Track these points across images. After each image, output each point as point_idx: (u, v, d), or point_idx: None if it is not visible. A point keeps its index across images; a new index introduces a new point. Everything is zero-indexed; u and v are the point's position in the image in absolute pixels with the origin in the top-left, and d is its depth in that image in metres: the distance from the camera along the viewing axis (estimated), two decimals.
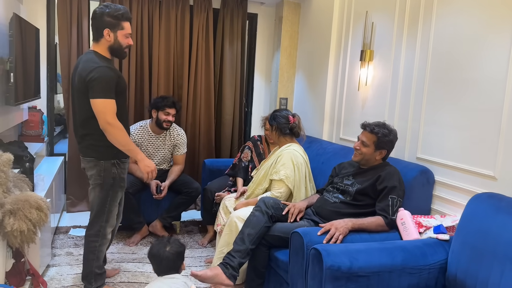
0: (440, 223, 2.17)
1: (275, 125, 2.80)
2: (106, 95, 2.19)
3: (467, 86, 2.24)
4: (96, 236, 2.41)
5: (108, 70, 2.22)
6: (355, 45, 3.23)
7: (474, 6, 2.21)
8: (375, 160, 2.36)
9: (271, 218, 2.35)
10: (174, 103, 3.44)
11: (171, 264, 1.92)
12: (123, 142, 2.25)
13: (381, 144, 2.31)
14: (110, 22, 2.24)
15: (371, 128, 2.33)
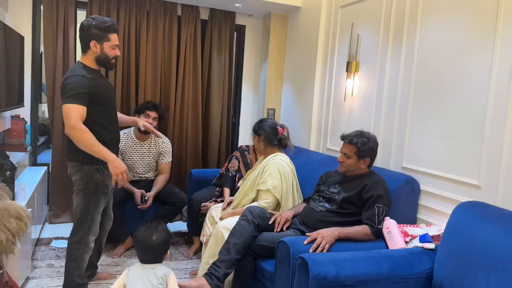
0: (425, 232, 2.17)
1: (263, 136, 2.78)
2: (74, 101, 2.19)
3: (451, 96, 2.28)
4: (78, 244, 2.36)
5: (82, 79, 2.25)
6: (341, 57, 3.26)
7: (457, 19, 2.26)
8: (360, 169, 2.37)
9: (257, 228, 2.33)
10: (154, 106, 3.46)
11: (156, 255, 1.91)
12: (87, 144, 2.20)
13: (363, 153, 2.33)
14: (96, 34, 2.29)
15: (349, 140, 2.35)
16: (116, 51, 2.38)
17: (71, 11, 3.63)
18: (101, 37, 2.30)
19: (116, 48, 2.38)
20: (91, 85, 2.27)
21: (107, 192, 2.42)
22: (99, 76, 2.42)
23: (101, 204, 2.41)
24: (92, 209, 2.36)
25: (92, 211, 2.36)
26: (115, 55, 2.39)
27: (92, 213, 2.37)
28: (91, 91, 2.26)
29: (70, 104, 2.19)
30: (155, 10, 3.88)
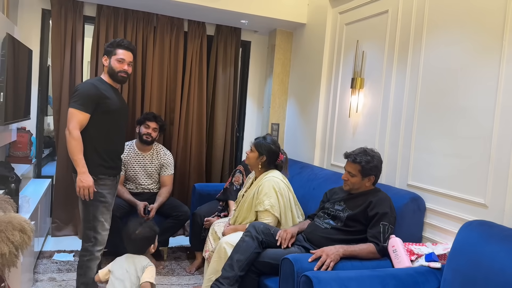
0: (431, 251, 2.15)
1: (264, 156, 2.74)
2: (78, 107, 2.36)
3: (457, 114, 2.27)
4: (84, 251, 2.49)
5: (91, 87, 2.43)
6: (346, 73, 3.28)
7: (463, 36, 2.27)
8: (365, 186, 2.35)
9: (261, 244, 2.30)
10: (154, 117, 3.50)
11: (137, 247, 2.14)
12: (71, 150, 2.36)
13: (367, 171, 2.31)
14: (107, 50, 2.55)
15: (353, 158, 2.34)
16: (123, 65, 2.53)
17: (79, 25, 3.68)
18: (110, 52, 2.53)
19: (123, 62, 2.52)
20: (98, 94, 2.42)
21: (104, 200, 2.49)
22: (110, 90, 2.53)
23: (101, 213, 2.48)
24: (92, 218, 2.46)
25: (92, 220, 2.46)
26: (122, 69, 2.53)
27: (93, 222, 2.46)
28: (97, 99, 2.41)
29: (74, 109, 2.36)
30: (162, 25, 3.93)
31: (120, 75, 2.53)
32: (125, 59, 2.52)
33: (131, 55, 2.57)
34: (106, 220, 2.52)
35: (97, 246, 2.48)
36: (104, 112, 2.45)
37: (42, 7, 3.67)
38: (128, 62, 2.55)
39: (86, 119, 2.39)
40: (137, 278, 2.04)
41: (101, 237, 2.49)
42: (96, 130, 2.44)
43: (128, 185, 3.52)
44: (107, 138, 2.49)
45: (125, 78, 2.57)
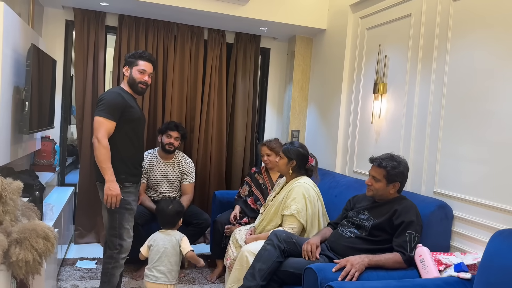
0: (461, 260, 2.06)
1: (294, 161, 2.71)
2: (105, 115, 2.41)
3: (485, 118, 2.19)
4: (109, 258, 2.51)
5: (116, 95, 2.48)
6: (368, 78, 3.22)
7: (490, 39, 2.20)
8: (389, 194, 2.28)
9: (283, 253, 2.26)
10: (176, 126, 3.51)
11: (171, 220, 2.55)
12: (100, 158, 2.39)
13: (392, 177, 2.24)
14: (129, 61, 2.60)
15: (378, 163, 2.27)
16: (143, 76, 2.58)
17: (101, 36, 3.74)
18: (131, 63, 2.58)
19: (144, 73, 2.57)
20: (124, 103, 2.48)
21: (130, 208, 2.51)
22: (132, 99, 2.59)
23: (127, 220, 2.51)
24: (118, 225, 2.48)
25: (118, 227, 2.48)
26: (143, 80, 2.58)
27: (119, 229, 2.48)
28: (122, 108, 2.46)
29: (101, 118, 2.41)
30: (182, 34, 3.96)
31: (140, 86, 2.59)
32: (146, 70, 2.58)
33: (152, 67, 2.63)
34: (131, 228, 2.56)
35: (122, 254, 2.51)
36: (127, 120, 2.50)
37: (66, 18, 3.75)
38: (149, 73, 2.61)
39: (113, 127, 2.44)
40: (174, 248, 2.46)
41: (126, 244, 2.52)
42: (120, 139, 2.49)
43: (150, 192, 3.53)
44: (130, 146, 2.54)
45: (144, 89, 2.63)
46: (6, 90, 2.31)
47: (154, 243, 2.47)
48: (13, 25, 2.37)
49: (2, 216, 1.96)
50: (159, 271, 2.42)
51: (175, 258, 2.45)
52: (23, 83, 2.51)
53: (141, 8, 3.54)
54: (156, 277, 2.42)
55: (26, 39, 2.63)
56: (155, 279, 2.41)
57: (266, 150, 3.36)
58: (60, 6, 3.65)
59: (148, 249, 2.49)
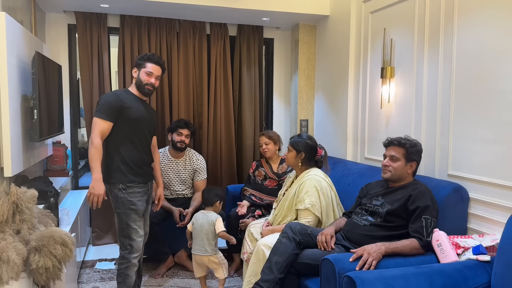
0: (479, 243, 2.04)
1: (303, 153, 2.70)
2: (100, 115, 2.45)
3: (497, 98, 2.15)
4: (121, 259, 2.55)
5: (112, 96, 2.52)
6: (375, 63, 3.18)
7: (497, 16, 2.15)
8: (406, 174, 2.27)
9: (299, 245, 2.26)
10: (186, 123, 3.52)
11: (209, 199, 2.93)
12: (90, 157, 2.42)
13: (411, 155, 2.25)
14: (137, 63, 2.63)
15: (398, 141, 2.29)
16: (150, 78, 2.59)
17: (104, 37, 3.74)
18: (140, 65, 2.61)
19: (151, 75, 2.59)
20: (118, 102, 2.49)
21: (135, 208, 2.53)
22: (135, 100, 2.59)
23: (133, 220, 2.52)
24: (125, 226, 2.52)
25: (126, 228, 2.52)
26: (149, 82, 2.59)
27: (127, 230, 2.52)
28: (118, 108, 2.48)
29: (96, 118, 2.46)
30: (185, 30, 3.94)
31: (147, 87, 2.59)
32: (153, 72, 2.59)
33: (160, 70, 2.63)
34: (140, 227, 2.56)
35: (133, 253, 2.53)
36: (126, 120, 2.51)
37: (68, 22, 3.75)
38: (156, 75, 2.61)
39: (108, 127, 2.47)
40: (209, 227, 2.81)
41: (136, 244, 2.54)
42: (120, 139, 2.51)
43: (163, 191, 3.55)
44: (132, 146, 2.55)
45: (150, 91, 2.63)
46: (15, 99, 2.33)
47: (195, 221, 2.86)
48: (16, 34, 2.37)
49: (19, 225, 1.99)
50: (200, 245, 2.81)
51: (211, 235, 2.82)
52: (31, 91, 2.53)
53: (141, 7, 3.53)
54: (199, 250, 2.82)
55: (30, 47, 2.64)
56: (199, 252, 2.82)
57: (265, 139, 3.41)
58: (61, 11, 3.65)
59: (192, 225, 2.89)
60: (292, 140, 2.78)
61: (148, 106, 2.74)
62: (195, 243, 2.84)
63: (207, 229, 2.81)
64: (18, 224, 1.98)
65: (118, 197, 2.51)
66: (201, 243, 2.81)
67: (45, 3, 3.40)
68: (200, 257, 2.82)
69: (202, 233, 2.81)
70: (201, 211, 2.93)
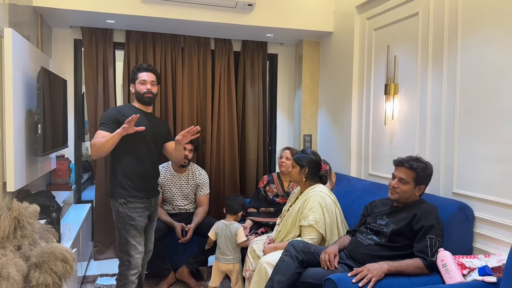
0: (485, 263, 2.01)
1: (306, 168, 2.69)
2: (101, 127, 2.52)
3: (502, 116, 2.14)
4: (119, 276, 2.55)
5: (111, 109, 2.62)
6: (379, 79, 3.18)
7: (502, 35, 2.15)
8: (414, 197, 2.24)
9: (301, 263, 2.23)
10: (191, 140, 3.47)
11: (234, 208, 3.10)
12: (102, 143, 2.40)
13: (421, 179, 2.20)
14: (132, 78, 2.70)
15: (409, 164, 2.20)
16: (146, 85, 2.62)
17: (109, 52, 3.78)
18: (134, 78, 2.67)
19: (146, 83, 2.62)
20: (117, 113, 2.55)
21: (135, 224, 2.52)
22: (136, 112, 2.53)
23: (133, 236, 2.51)
24: (124, 241, 2.51)
25: (125, 244, 2.51)
26: (146, 89, 2.62)
27: (126, 245, 2.51)
28: (116, 119, 2.52)
29: (98, 130, 2.53)
30: (189, 45, 3.97)
31: (146, 95, 2.63)
32: (146, 79, 2.63)
33: (152, 75, 2.66)
34: (139, 243, 2.54)
35: (130, 270, 2.51)
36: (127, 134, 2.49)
37: (74, 37, 3.80)
38: (150, 81, 2.64)
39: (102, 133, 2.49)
40: (232, 237, 2.99)
41: (134, 261, 2.51)
42: (123, 152, 2.53)
43: (165, 206, 3.54)
44: (134, 160, 2.55)
45: (151, 98, 2.66)
46: (19, 114, 2.34)
47: (219, 231, 3.03)
48: (22, 50, 2.40)
49: (20, 241, 1.98)
50: (226, 254, 2.98)
51: (234, 245, 3.00)
52: (35, 105, 2.54)
53: (147, 23, 3.57)
54: (224, 259, 2.98)
55: (35, 62, 2.67)
56: (224, 261, 2.98)
57: (288, 154, 3.41)
58: (68, 26, 3.70)
59: (215, 234, 3.05)
60: (295, 156, 2.77)
61: (153, 118, 2.75)
62: (219, 252, 3.00)
63: (231, 239, 2.99)
64: (19, 240, 1.97)
65: (119, 212, 2.51)
66: (227, 252, 2.97)
67: (52, 19, 3.44)
68: (226, 265, 2.97)
69: (227, 243, 2.98)
70: (223, 221, 3.07)
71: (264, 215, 3.37)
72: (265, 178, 3.55)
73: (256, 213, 3.39)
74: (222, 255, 2.98)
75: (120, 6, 3.28)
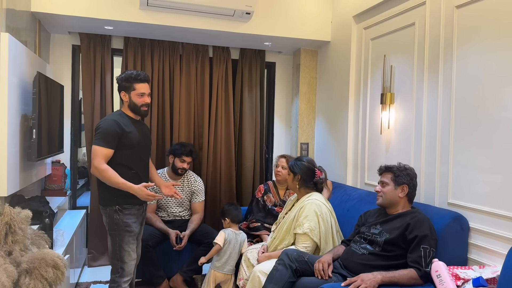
0: (479, 274, 2.00)
1: (299, 175, 2.69)
2: (102, 143, 2.42)
3: (497, 127, 2.14)
4: (112, 283, 2.51)
5: (112, 123, 2.46)
6: (375, 89, 3.19)
7: (497, 45, 2.16)
8: (398, 198, 2.25)
9: (295, 272, 2.22)
10: (191, 151, 3.49)
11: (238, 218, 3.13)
12: (111, 179, 2.38)
13: (399, 178, 2.26)
14: (124, 86, 2.56)
15: (387, 167, 2.36)
16: (144, 98, 2.57)
17: (107, 58, 3.78)
18: (128, 88, 2.55)
19: (144, 96, 2.56)
20: (120, 129, 2.46)
21: (130, 230, 2.50)
22: (131, 123, 2.57)
23: (127, 243, 2.49)
24: (118, 248, 2.48)
25: (119, 250, 2.48)
26: (144, 103, 2.57)
27: (119, 252, 2.48)
28: (119, 135, 2.46)
29: (97, 146, 2.42)
30: (188, 53, 3.98)
31: (143, 109, 2.58)
32: (145, 92, 2.56)
33: (148, 86, 2.61)
34: (133, 250, 2.53)
35: (123, 277, 2.49)
36: (126, 146, 2.49)
37: (72, 43, 3.80)
38: (148, 93, 2.60)
39: (110, 154, 2.44)
40: (239, 247, 2.98)
41: (128, 267, 2.49)
42: (119, 164, 2.47)
43: (160, 213, 3.52)
44: (130, 171, 2.52)
45: (147, 111, 2.63)
46: (14, 118, 2.34)
47: (229, 240, 2.96)
48: (18, 54, 2.40)
49: (11, 246, 1.97)
50: (229, 264, 2.93)
51: (237, 255, 2.97)
52: (31, 110, 2.54)
53: (145, 30, 3.58)
54: (228, 269, 2.94)
55: (32, 67, 2.67)
56: (227, 271, 2.93)
57: (284, 162, 3.36)
58: (66, 32, 3.71)
59: (224, 240, 2.95)
60: (289, 163, 2.78)
61: (141, 125, 2.70)
62: (223, 261, 2.93)
63: (237, 249, 2.97)
64: (10, 245, 1.96)
65: (114, 219, 2.48)
66: (231, 262, 2.94)
67: (50, 25, 3.45)
68: (225, 275, 2.93)
69: (234, 252, 2.95)
70: (232, 230, 3.04)
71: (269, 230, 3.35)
72: (261, 188, 3.52)
73: (262, 227, 3.35)
74: (224, 265, 2.93)
75: (119, 12, 3.29)
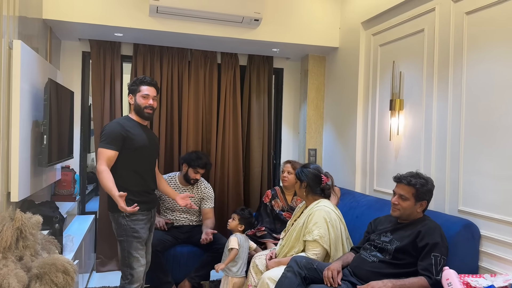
0: (491, 283, 1.97)
1: (305, 182, 2.68)
2: (106, 145, 2.46)
3: (508, 133, 2.12)
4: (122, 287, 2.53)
5: (115, 125, 2.52)
6: (384, 95, 3.18)
7: (507, 52, 2.14)
8: (416, 213, 2.21)
9: (304, 280, 2.20)
10: (206, 164, 3.48)
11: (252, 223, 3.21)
12: (103, 182, 2.40)
13: (421, 195, 2.18)
14: (131, 89, 2.65)
15: (407, 180, 2.19)
16: (148, 100, 2.59)
17: (117, 65, 3.82)
18: (134, 90, 2.62)
19: (148, 97, 2.59)
20: (123, 131, 2.50)
21: (138, 236, 2.51)
22: (137, 127, 2.59)
23: (135, 248, 2.50)
24: (127, 254, 2.50)
25: (128, 256, 2.50)
26: (148, 104, 2.60)
27: (128, 258, 2.49)
28: (122, 137, 2.49)
29: (100, 148, 2.47)
30: (196, 59, 4.01)
31: (146, 111, 2.60)
32: (149, 94, 2.60)
33: (155, 90, 2.64)
34: (142, 256, 2.54)
35: (133, 284, 2.50)
36: (130, 149, 2.51)
37: (82, 50, 3.85)
38: (153, 97, 2.62)
39: (114, 155, 2.47)
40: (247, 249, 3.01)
41: (137, 274, 2.50)
42: (125, 168, 2.50)
43: (168, 216, 3.52)
44: (136, 175, 2.54)
45: (150, 114, 2.64)
46: (25, 125, 2.36)
47: (241, 243, 2.97)
48: (30, 61, 2.43)
49: (22, 251, 1.98)
50: (242, 269, 2.93)
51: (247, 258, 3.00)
52: (42, 116, 2.57)
53: (155, 36, 3.61)
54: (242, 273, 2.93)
55: (43, 74, 2.70)
56: (243, 274, 2.93)
57: (289, 168, 3.36)
58: (77, 39, 3.75)
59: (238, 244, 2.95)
60: (296, 171, 2.79)
61: (149, 131, 2.74)
62: (237, 266, 2.93)
63: (247, 252, 3.03)
64: (21, 251, 1.97)
65: (122, 225, 2.50)
66: (243, 267, 2.94)
67: (61, 31, 3.50)
68: (241, 279, 2.93)
69: (245, 255, 2.98)
70: (241, 234, 3.06)
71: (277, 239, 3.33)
72: (269, 193, 3.52)
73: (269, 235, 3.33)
74: (239, 270, 2.93)
75: (128, 20, 3.32)
